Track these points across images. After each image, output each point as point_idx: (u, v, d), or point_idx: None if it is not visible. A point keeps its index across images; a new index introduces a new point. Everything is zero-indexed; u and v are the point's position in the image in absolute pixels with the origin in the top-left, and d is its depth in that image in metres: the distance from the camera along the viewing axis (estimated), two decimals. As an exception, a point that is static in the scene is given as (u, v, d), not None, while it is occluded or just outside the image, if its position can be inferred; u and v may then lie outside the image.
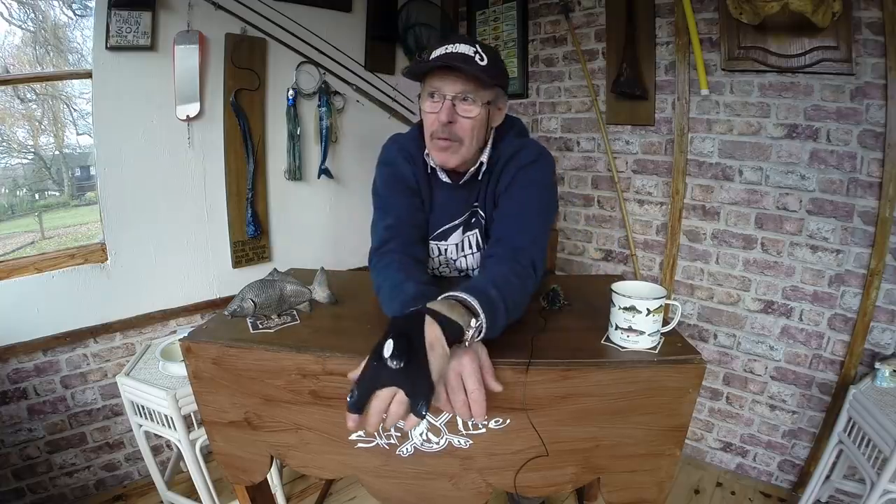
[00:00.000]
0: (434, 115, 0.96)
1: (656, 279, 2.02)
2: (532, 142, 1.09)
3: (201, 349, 0.87)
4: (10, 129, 1.71)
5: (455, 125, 0.96)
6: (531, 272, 0.88)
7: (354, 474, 0.90)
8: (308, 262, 1.97)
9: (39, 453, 1.64)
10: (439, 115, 0.95)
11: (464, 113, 0.96)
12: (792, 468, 1.81)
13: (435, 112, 0.96)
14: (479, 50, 0.94)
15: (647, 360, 0.79)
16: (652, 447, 0.82)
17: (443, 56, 0.93)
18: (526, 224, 0.95)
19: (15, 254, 1.67)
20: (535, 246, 0.92)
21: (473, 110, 0.96)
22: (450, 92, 0.94)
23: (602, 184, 2.12)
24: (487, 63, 0.93)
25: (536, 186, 1.00)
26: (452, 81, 0.94)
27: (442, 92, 0.95)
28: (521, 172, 1.01)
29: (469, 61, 0.92)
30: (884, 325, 1.56)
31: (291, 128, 1.98)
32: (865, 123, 1.52)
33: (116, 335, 1.74)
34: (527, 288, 0.86)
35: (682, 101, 1.82)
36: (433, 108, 0.97)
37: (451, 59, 0.92)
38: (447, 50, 0.94)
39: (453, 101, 0.95)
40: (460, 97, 0.95)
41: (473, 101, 0.95)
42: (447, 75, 0.94)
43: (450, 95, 0.94)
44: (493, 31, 2.29)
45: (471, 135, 0.98)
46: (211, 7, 1.72)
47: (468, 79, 0.93)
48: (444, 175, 1.06)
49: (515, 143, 1.05)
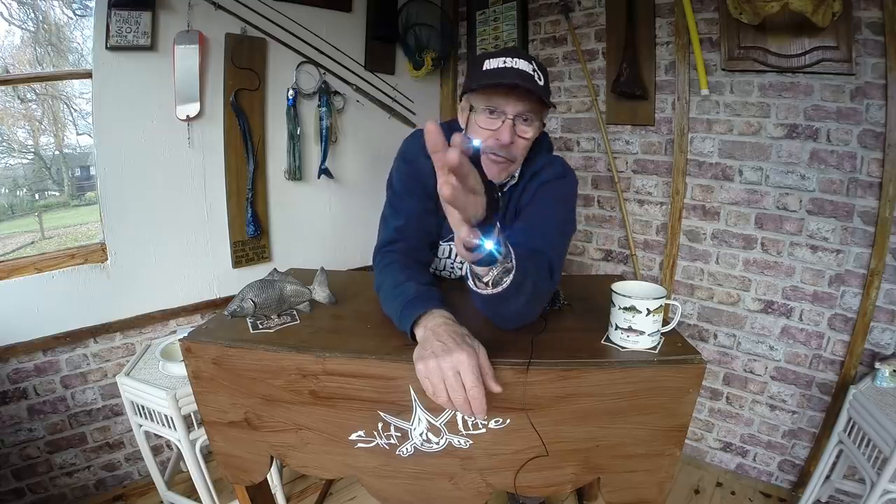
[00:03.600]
0: (491, 132, 0.93)
1: (656, 279, 2.02)
2: (559, 158, 1.08)
3: (201, 349, 0.87)
4: (10, 129, 1.71)
5: (512, 145, 0.93)
6: (548, 275, 0.85)
7: (354, 474, 0.90)
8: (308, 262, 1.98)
9: (39, 453, 1.64)
10: (499, 133, 0.91)
11: (522, 133, 0.93)
12: (792, 468, 1.81)
13: (492, 129, 0.92)
14: (536, 68, 0.91)
15: (647, 360, 0.79)
16: (652, 447, 0.82)
17: (506, 71, 0.89)
18: (545, 234, 0.92)
19: (15, 254, 1.67)
20: (554, 252, 0.90)
21: (530, 131, 0.94)
22: (512, 112, 0.90)
23: (602, 184, 2.12)
24: (544, 82, 0.92)
25: (559, 202, 0.99)
26: (516, 101, 0.90)
27: (504, 111, 0.91)
28: (545, 187, 1.00)
29: (530, 80, 0.88)
30: (884, 325, 1.56)
31: (291, 128, 1.98)
32: (865, 123, 1.52)
33: (116, 335, 1.74)
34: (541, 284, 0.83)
35: (682, 101, 1.82)
36: (491, 125, 0.92)
37: (513, 76, 0.88)
38: (507, 64, 0.90)
39: (514, 120, 0.91)
40: (521, 118, 0.92)
41: (531, 122, 0.93)
42: (510, 94, 0.89)
43: (511, 115, 0.90)
44: (493, 31, 2.29)
45: (523, 153, 0.97)
46: (211, 7, 1.72)
47: (530, 99, 0.90)
48: None
49: (544, 158, 1.05)
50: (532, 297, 0.80)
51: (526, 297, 0.77)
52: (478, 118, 0.94)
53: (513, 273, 0.70)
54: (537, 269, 0.81)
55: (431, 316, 0.80)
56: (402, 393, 0.81)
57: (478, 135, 0.95)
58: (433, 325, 0.77)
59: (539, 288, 0.81)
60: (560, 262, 0.93)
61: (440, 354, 0.70)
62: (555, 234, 0.94)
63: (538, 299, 0.84)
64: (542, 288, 0.83)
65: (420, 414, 0.82)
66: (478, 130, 0.94)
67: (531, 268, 0.76)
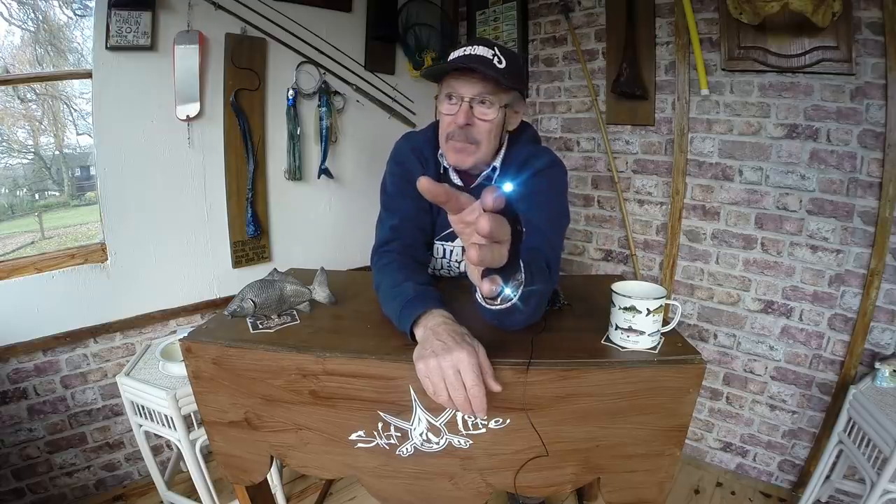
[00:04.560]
0: (451, 116, 0.95)
1: (656, 279, 2.02)
2: (545, 148, 1.08)
3: (201, 349, 0.87)
4: (10, 129, 1.71)
5: (472, 128, 0.95)
6: (548, 275, 0.85)
7: (354, 474, 0.90)
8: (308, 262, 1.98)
9: (39, 453, 1.64)
10: (456, 117, 0.94)
11: (481, 116, 0.95)
12: (792, 468, 1.81)
13: (451, 114, 0.95)
14: (497, 52, 0.93)
15: (647, 360, 0.79)
16: (652, 447, 0.82)
17: (461, 58, 0.92)
18: (541, 230, 0.92)
19: (15, 254, 1.67)
20: (551, 250, 0.91)
21: (490, 113, 0.95)
22: (467, 94, 0.93)
23: (602, 184, 2.12)
24: (506, 66, 0.92)
25: (554, 194, 0.99)
26: (470, 83, 0.93)
27: (459, 94, 0.94)
28: (537, 178, 1.00)
29: (487, 63, 0.90)
30: (884, 325, 1.56)
31: (291, 128, 1.98)
32: (865, 123, 1.52)
33: (116, 335, 1.74)
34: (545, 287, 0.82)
35: (682, 101, 1.82)
36: (450, 110, 0.96)
37: (469, 61, 0.91)
38: (466, 52, 0.93)
39: (471, 103, 0.94)
40: (478, 99, 0.94)
41: (491, 104, 0.94)
42: (465, 77, 0.93)
43: (467, 97, 0.93)
44: (493, 32, 2.29)
45: (487, 138, 0.97)
46: (211, 7, 1.72)
47: (486, 81, 0.92)
48: (456, 177, 1.06)
49: (529, 148, 1.05)
50: (538, 304, 0.81)
51: (533, 306, 0.77)
52: (441, 106, 0.98)
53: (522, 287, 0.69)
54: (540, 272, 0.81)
55: (431, 315, 0.80)
56: (402, 393, 0.81)
57: (442, 122, 0.98)
58: (433, 325, 0.77)
59: (544, 293, 0.82)
60: (557, 259, 0.94)
61: (440, 353, 0.70)
62: (551, 229, 0.95)
63: (543, 303, 0.85)
64: (545, 291, 0.84)
65: (420, 414, 0.82)
66: (442, 117, 0.98)
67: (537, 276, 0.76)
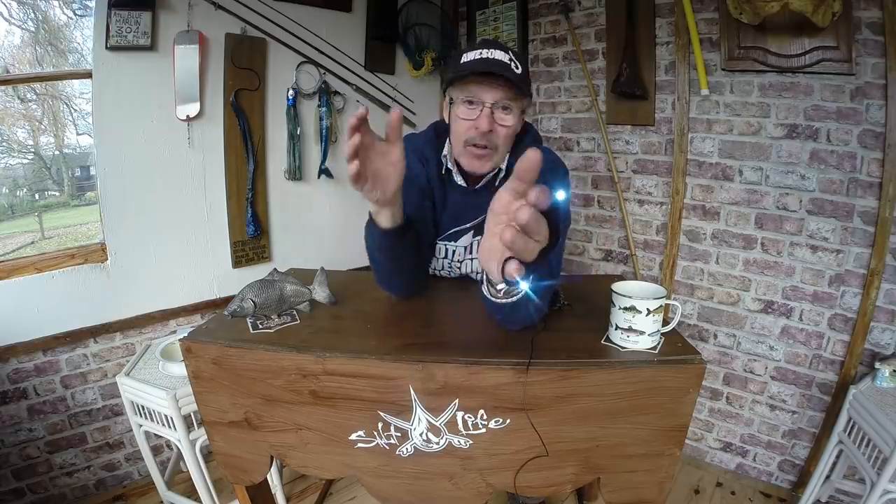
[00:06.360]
0: (470, 122, 0.94)
1: (656, 279, 2.02)
2: (548, 150, 1.08)
3: (201, 349, 0.87)
4: (10, 129, 1.71)
5: (492, 133, 0.94)
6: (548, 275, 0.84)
7: (354, 474, 0.90)
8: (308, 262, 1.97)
9: (39, 453, 1.64)
10: (478, 122, 0.93)
11: (501, 121, 0.94)
12: (792, 468, 1.81)
13: (472, 119, 0.94)
14: (513, 57, 0.92)
15: (647, 360, 0.79)
16: (652, 447, 0.82)
17: (483, 61, 0.91)
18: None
19: (15, 254, 1.67)
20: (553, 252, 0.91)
21: (510, 119, 0.94)
22: (489, 100, 0.92)
23: (602, 184, 2.12)
24: (522, 71, 0.92)
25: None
26: (492, 89, 0.91)
27: (481, 99, 0.92)
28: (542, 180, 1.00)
29: (507, 69, 0.90)
30: (884, 325, 1.56)
31: (291, 128, 1.98)
32: (865, 123, 1.52)
33: (116, 335, 1.74)
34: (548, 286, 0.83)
35: (682, 101, 1.81)
36: (470, 115, 0.94)
37: (491, 66, 0.89)
38: (482, 55, 0.91)
39: (492, 108, 0.92)
40: (499, 105, 0.93)
41: (511, 110, 0.94)
42: (486, 82, 0.91)
43: (489, 103, 0.92)
44: (493, 32, 2.29)
45: (505, 143, 0.97)
46: (211, 7, 1.72)
47: (507, 87, 0.91)
48: (460, 178, 1.05)
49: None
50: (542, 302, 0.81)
51: (537, 303, 0.77)
52: (458, 110, 0.96)
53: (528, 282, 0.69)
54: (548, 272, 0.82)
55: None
56: (402, 393, 0.81)
57: (459, 127, 0.96)
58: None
59: (546, 291, 0.82)
60: (560, 261, 0.94)
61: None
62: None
63: (545, 301, 0.85)
64: (548, 290, 0.84)
65: (420, 414, 0.82)
66: (458, 122, 0.96)
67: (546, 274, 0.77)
